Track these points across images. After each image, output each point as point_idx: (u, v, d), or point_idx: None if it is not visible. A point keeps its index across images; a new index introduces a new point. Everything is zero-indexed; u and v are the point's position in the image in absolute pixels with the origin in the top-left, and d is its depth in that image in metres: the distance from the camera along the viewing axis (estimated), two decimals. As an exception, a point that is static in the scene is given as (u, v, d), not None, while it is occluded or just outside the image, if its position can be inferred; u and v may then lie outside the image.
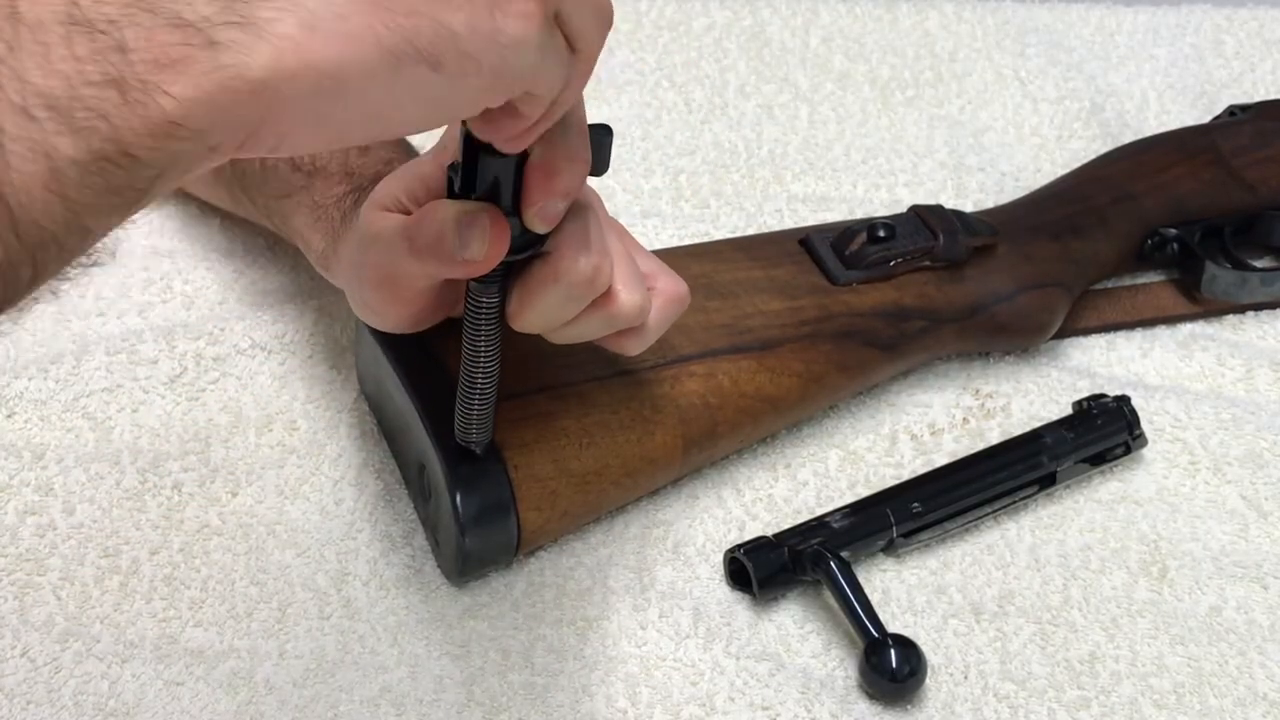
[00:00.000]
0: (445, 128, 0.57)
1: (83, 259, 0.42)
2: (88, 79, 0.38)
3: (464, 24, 0.43)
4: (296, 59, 0.40)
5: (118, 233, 0.43)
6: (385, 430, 0.70)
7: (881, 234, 0.73)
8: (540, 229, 0.54)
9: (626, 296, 0.58)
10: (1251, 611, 0.67)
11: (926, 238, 0.73)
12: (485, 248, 0.53)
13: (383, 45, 0.41)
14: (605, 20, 0.48)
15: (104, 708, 0.60)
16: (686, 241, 0.80)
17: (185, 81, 0.39)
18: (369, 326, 0.66)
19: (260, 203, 0.71)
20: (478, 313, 0.56)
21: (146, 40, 0.39)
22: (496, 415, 0.60)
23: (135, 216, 0.42)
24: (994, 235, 0.75)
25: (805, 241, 0.74)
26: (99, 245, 0.43)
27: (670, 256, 0.72)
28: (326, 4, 0.41)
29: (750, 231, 0.80)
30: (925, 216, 0.74)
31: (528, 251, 0.55)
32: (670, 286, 0.61)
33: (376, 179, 0.61)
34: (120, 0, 0.39)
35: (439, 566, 0.66)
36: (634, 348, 0.61)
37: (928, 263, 0.73)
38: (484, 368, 0.58)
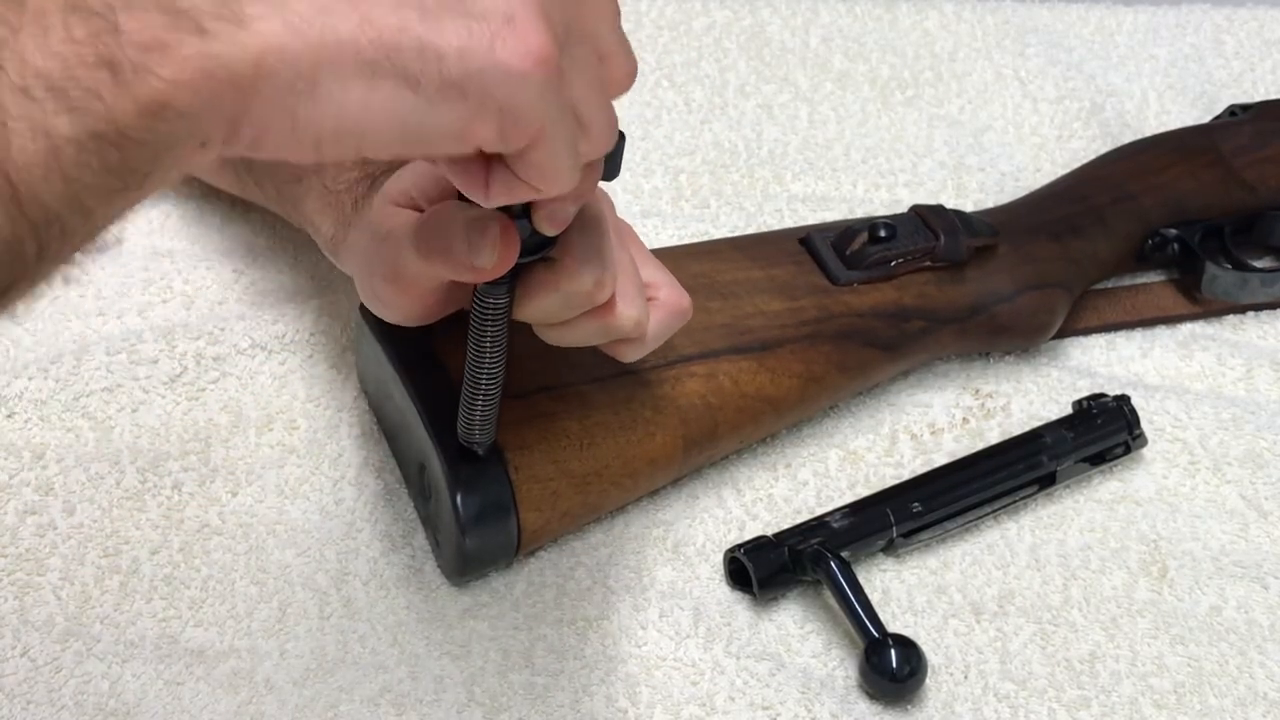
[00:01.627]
0: None
1: (91, 249, 0.43)
2: (83, 60, 0.40)
3: (456, 49, 0.43)
4: (277, 55, 0.41)
5: (120, 228, 0.44)
6: (385, 429, 0.70)
7: (883, 234, 0.72)
8: (550, 232, 0.53)
9: (624, 309, 0.58)
10: (1251, 611, 0.67)
11: (928, 238, 0.73)
12: (495, 256, 0.53)
13: (361, 55, 0.42)
14: (625, 82, 0.49)
15: (104, 707, 0.60)
16: (686, 241, 0.80)
17: (172, 65, 0.40)
18: (370, 325, 0.66)
19: (270, 187, 0.71)
20: (484, 314, 0.56)
21: (139, 24, 0.40)
22: (499, 416, 0.60)
23: (137, 211, 0.43)
24: (995, 236, 0.75)
25: (806, 241, 0.74)
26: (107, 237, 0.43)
27: (670, 256, 0.72)
28: (315, 8, 0.42)
29: (750, 231, 0.80)
30: (926, 216, 0.74)
31: (537, 254, 0.55)
32: (672, 298, 0.61)
33: (391, 167, 0.61)
34: None
35: (439, 566, 0.66)
36: (630, 355, 0.61)
37: (929, 263, 0.73)
38: (489, 369, 0.58)
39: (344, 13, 0.42)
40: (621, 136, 0.54)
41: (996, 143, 0.89)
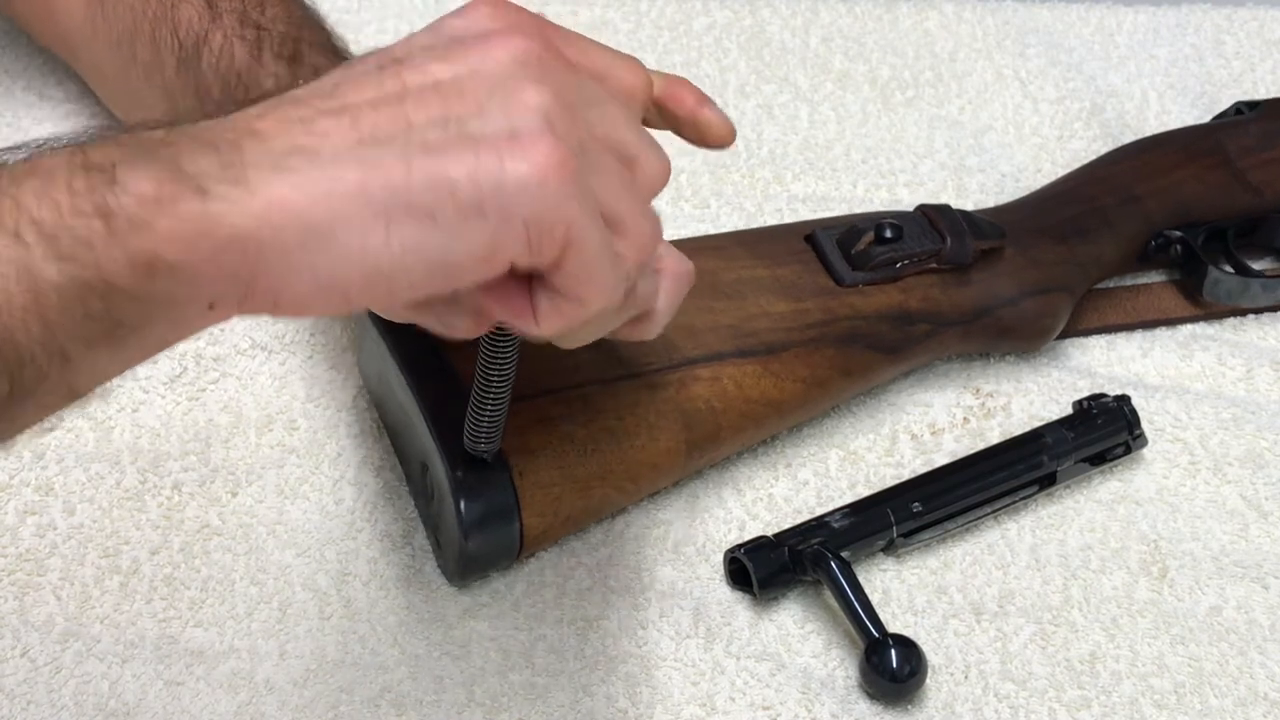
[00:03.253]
0: None
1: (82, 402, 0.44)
2: (79, 209, 0.40)
3: (466, 175, 0.43)
4: (282, 213, 0.42)
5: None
6: (387, 425, 0.70)
7: (889, 234, 0.72)
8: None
9: (638, 288, 0.57)
10: (1252, 611, 0.67)
11: (934, 240, 0.73)
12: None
13: (372, 202, 0.42)
14: (656, 182, 0.49)
15: (104, 707, 0.60)
16: (687, 242, 0.80)
17: (168, 220, 0.40)
18: (373, 321, 0.66)
19: None
20: (498, 332, 0.56)
21: (140, 179, 0.41)
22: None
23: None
24: (1001, 238, 0.74)
25: (811, 238, 0.73)
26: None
27: None
28: (318, 165, 0.42)
29: (751, 232, 0.80)
30: (933, 217, 0.74)
31: None
32: (675, 265, 0.59)
33: None
34: (125, 146, 0.41)
35: (439, 567, 0.66)
36: (647, 333, 0.59)
37: (934, 265, 0.73)
38: (498, 381, 0.57)
39: (348, 164, 0.42)
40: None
41: (997, 143, 0.89)
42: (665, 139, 0.90)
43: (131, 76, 0.74)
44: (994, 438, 0.72)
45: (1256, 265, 0.80)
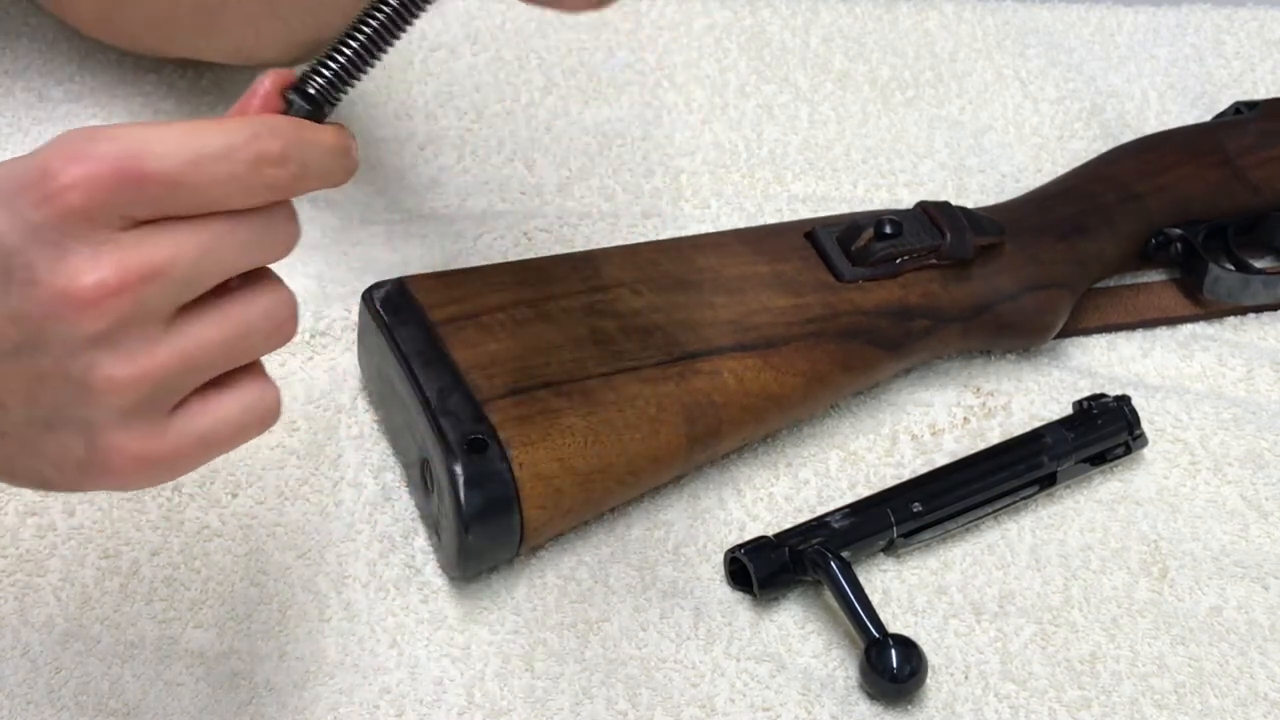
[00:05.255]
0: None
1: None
2: None
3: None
4: None
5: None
6: (387, 425, 0.70)
7: (888, 230, 0.72)
8: None
9: None
10: (1252, 611, 0.67)
11: (934, 235, 0.73)
12: None
13: None
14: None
15: (104, 707, 0.60)
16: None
17: None
18: (374, 315, 0.66)
19: None
20: None
21: None
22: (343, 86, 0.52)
23: None
24: (1001, 234, 0.75)
25: (811, 235, 0.73)
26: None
27: (675, 248, 0.72)
28: None
29: (751, 232, 0.80)
30: (933, 214, 0.74)
31: None
32: None
33: None
34: None
35: (440, 563, 0.66)
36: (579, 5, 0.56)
37: (934, 261, 0.73)
38: (374, 27, 0.51)
39: None
40: None
41: (997, 143, 0.89)
42: (666, 139, 0.90)
43: None
44: (994, 438, 0.72)
45: (1257, 264, 0.80)
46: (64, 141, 0.44)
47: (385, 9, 0.51)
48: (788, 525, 0.67)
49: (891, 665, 0.62)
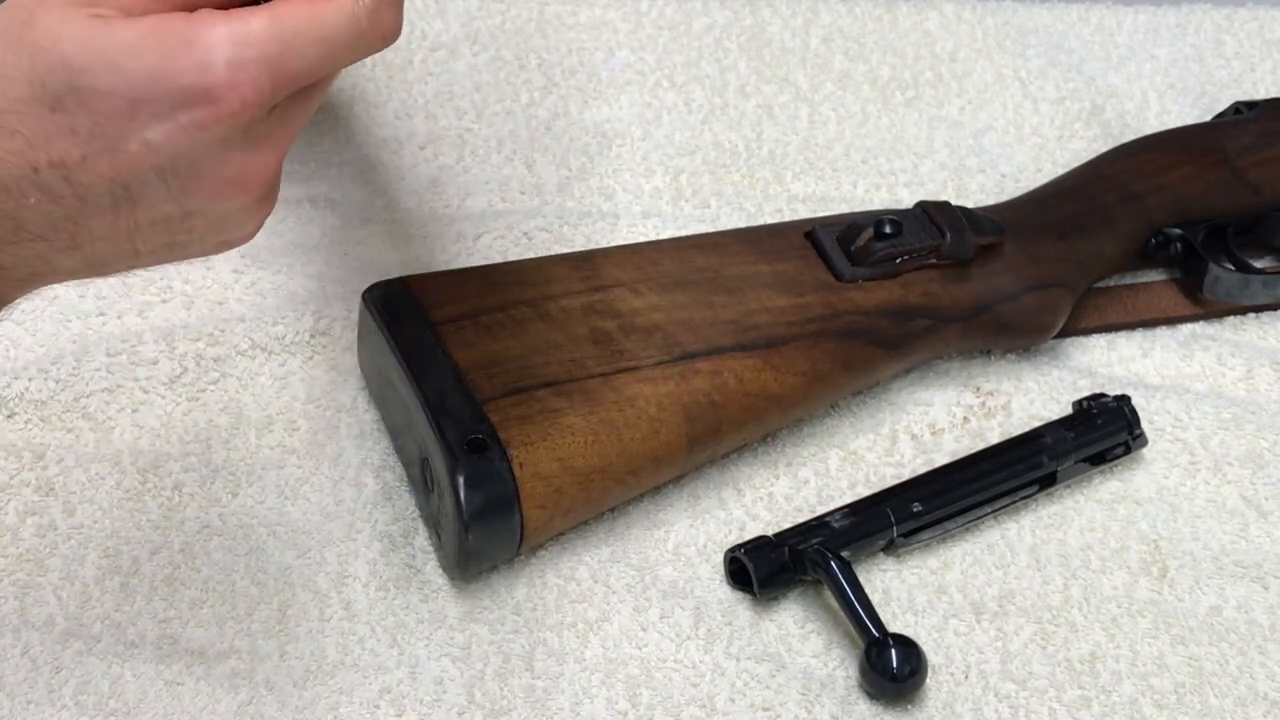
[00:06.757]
0: None
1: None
2: None
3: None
4: None
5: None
6: (388, 424, 0.70)
7: (888, 230, 0.72)
8: None
9: None
10: (1252, 611, 0.67)
11: (933, 235, 0.73)
12: None
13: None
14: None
15: (105, 707, 0.60)
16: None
17: None
18: (374, 314, 0.66)
19: None
20: None
21: None
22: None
23: None
24: (1001, 235, 0.75)
25: (811, 235, 0.73)
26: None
27: (675, 248, 0.72)
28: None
29: (751, 232, 0.80)
30: (932, 213, 0.74)
31: None
32: None
33: None
34: None
35: (440, 563, 0.66)
36: None
37: (934, 261, 0.73)
38: None
39: None
40: None
41: (997, 143, 0.89)
42: (666, 139, 0.90)
43: None
44: (994, 437, 0.73)
45: (1257, 264, 0.81)
46: (209, 46, 0.47)
47: None
48: (788, 525, 0.67)
49: (891, 665, 0.62)
